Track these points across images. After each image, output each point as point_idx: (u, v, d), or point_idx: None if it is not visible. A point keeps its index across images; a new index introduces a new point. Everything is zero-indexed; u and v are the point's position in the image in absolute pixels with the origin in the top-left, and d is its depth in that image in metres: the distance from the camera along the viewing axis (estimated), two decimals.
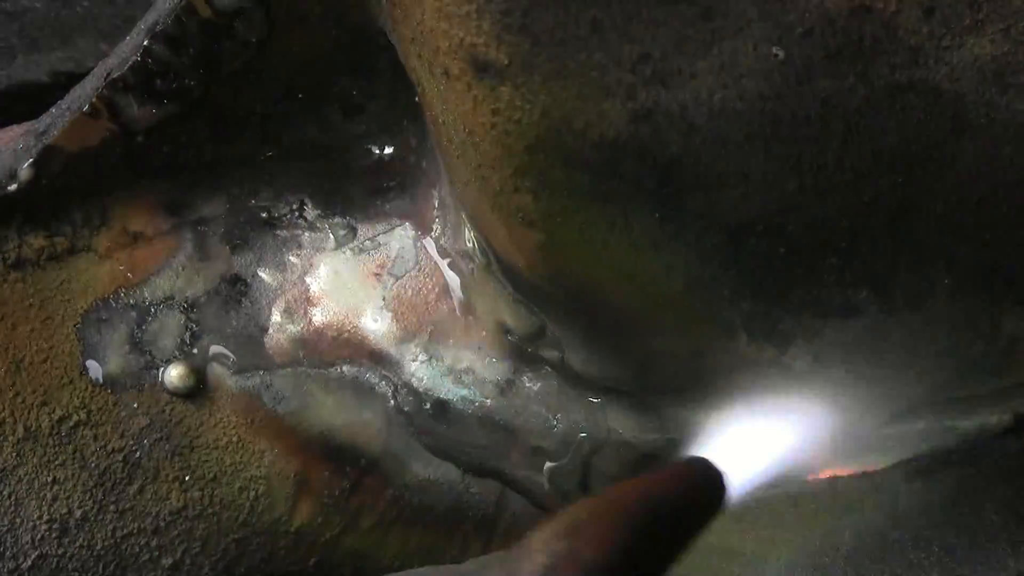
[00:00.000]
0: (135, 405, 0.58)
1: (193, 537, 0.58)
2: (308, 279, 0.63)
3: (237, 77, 0.57)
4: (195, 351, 0.60)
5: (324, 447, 0.61)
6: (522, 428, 0.63)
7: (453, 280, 0.63)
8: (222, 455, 0.59)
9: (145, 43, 0.54)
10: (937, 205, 0.46)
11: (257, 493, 0.60)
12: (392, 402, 0.63)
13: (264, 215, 0.63)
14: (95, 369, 0.58)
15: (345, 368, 0.63)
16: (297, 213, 0.64)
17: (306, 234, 0.64)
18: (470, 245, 0.60)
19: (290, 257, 0.63)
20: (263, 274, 0.63)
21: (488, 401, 0.63)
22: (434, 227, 0.63)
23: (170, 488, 0.58)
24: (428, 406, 0.63)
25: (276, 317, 0.63)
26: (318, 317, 0.63)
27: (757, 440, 0.48)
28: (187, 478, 0.58)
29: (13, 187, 0.56)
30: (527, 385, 0.63)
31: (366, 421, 0.62)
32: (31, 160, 0.55)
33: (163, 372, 0.59)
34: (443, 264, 0.63)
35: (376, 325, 0.63)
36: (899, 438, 0.64)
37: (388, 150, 0.63)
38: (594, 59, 0.41)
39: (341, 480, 0.61)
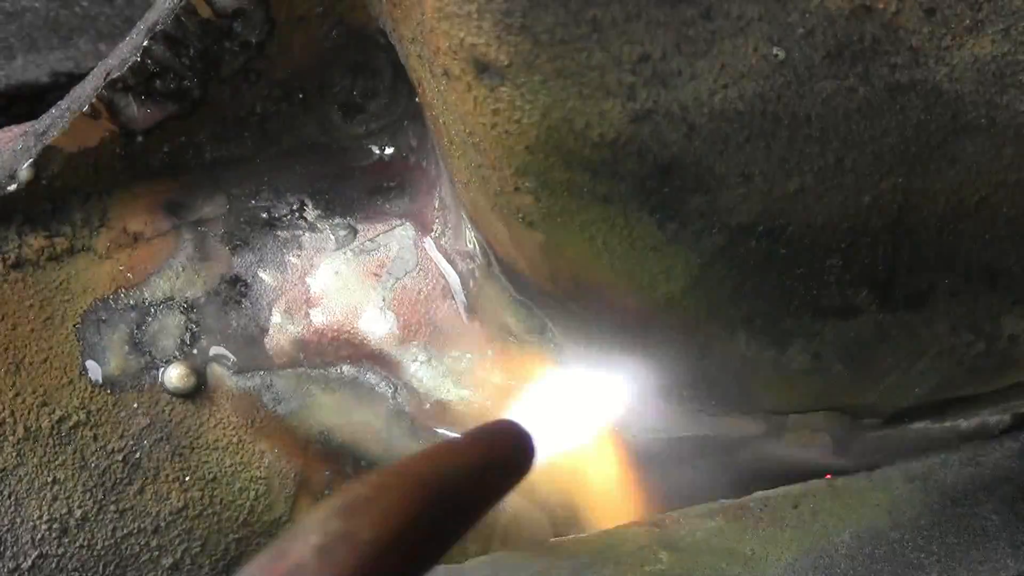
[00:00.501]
0: (135, 405, 0.58)
1: (193, 537, 0.58)
2: (308, 280, 0.63)
3: (237, 77, 0.57)
4: (195, 351, 0.60)
5: (324, 447, 0.61)
6: None
7: (453, 280, 0.63)
8: (222, 455, 0.59)
9: (145, 43, 0.54)
10: (937, 205, 0.46)
11: (257, 493, 0.60)
12: (392, 402, 0.63)
13: (264, 216, 0.63)
14: (95, 369, 0.58)
15: (345, 369, 0.63)
16: (297, 214, 0.64)
17: (306, 235, 0.64)
18: (471, 245, 0.60)
19: (290, 258, 0.63)
20: (263, 275, 0.63)
21: (488, 402, 0.63)
22: (434, 227, 0.63)
23: (170, 488, 0.58)
24: (428, 407, 0.63)
25: (276, 318, 0.63)
26: (318, 318, 0.63)
27: (566, 401, 0.47)
28: (187, 478, 0.58)
29: (13, 187, 0.56)
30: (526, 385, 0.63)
31: (366, 421, 0.62)
32: (31, 160, 0.55)
33: (163, 372, 0.59)
34: (443, 264, 0.63)
35: (376, 326, 0.63)
36: (899, 438, 0.64)
37: (388, 150, 0.63)
38: (594, 59, 0.41)
39: (341, 480, 0.61)
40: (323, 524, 0.28)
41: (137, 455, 0.58)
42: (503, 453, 0.37)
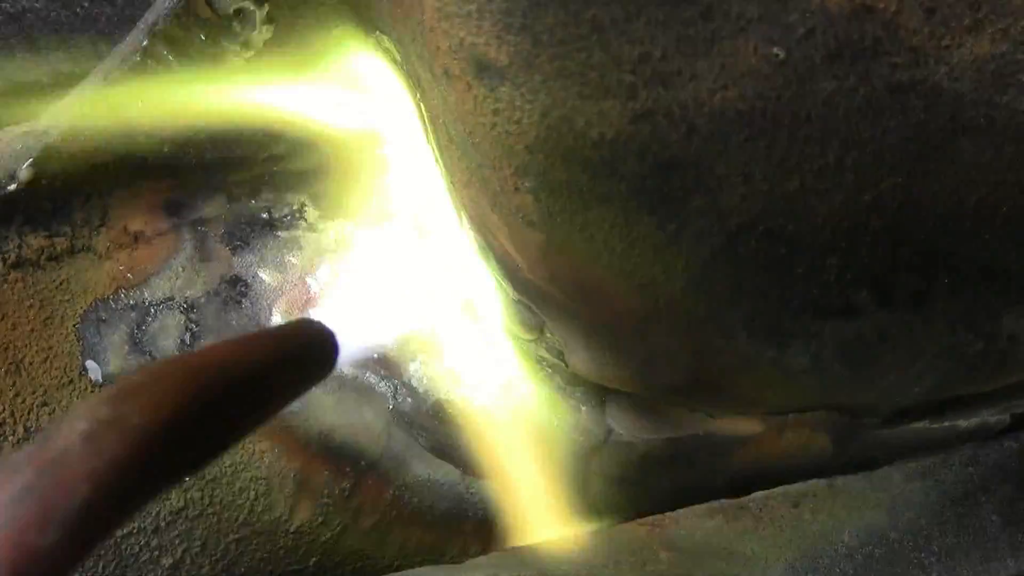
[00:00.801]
0: None
1: (193, 537, 0.58)
2: (308, 280, 0.63)
3: (237, 77, 0.57)
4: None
5: (324, 447, 0.61)
6: None
7: (452, 280, 0.63)
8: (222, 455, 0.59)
9: (145, 43, 0.54)
10: (937, 205, 0.46)
11: (257, 493, 0.60)
12: (392, 402, 0.63)
13: (265, 216, 0.63)
14: (95, 369, 0.58)
15: (345, 369, 0.63)
16: (297, 214, 0.64)
17: (306, 235, 0.64)
18: (470, 245, 0.60)
19: (290, 258, 0.63)
20: (263, 275, 0.63)
21: (488, 401, 0.63)
22: (433, 227, 0.63)
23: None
24: (428, 406, 0.63)
25: (276, 318, 0.63)
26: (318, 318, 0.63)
27: (374, 304, 0.46)
28: (186, 478, 0.58)
29: (13, 187, 0.56)
30: (527, 385, 0.63)
31: (366, 421, 0.62)
32: (31, 160, 0.55)
33: None
34: (443, 264, 0.63)
35: (376, 326, 0.63)
36: (899, 438, 0.65)
37: (388, 150, 0.63)
38: (594, 59, 0.41)
39: (341, 480, 0.61)
40: (92, 410, 0.27)
41: None
42: (299, 351, 0.35)
